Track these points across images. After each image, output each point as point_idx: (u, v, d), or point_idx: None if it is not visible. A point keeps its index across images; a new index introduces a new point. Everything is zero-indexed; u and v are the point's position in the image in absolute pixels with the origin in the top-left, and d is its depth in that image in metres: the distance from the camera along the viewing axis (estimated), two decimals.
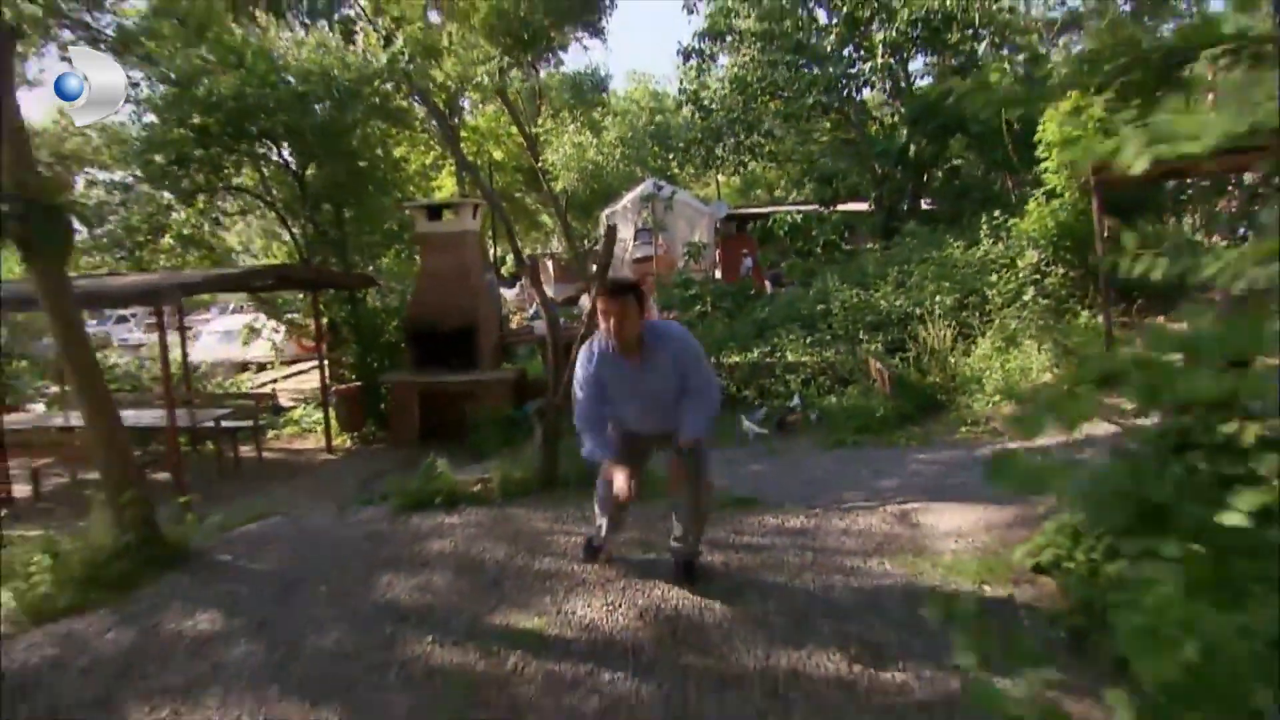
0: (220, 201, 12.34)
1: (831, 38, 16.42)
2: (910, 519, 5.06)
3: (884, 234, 15.79)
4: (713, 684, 3.20)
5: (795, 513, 5.29)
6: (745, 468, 7.50)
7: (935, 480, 6.06)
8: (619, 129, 18.86)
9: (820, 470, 7.11)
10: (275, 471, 9.61)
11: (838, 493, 6.08)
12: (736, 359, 10.99)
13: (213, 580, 4.54)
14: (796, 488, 6.41)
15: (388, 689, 3.26)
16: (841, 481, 6.46)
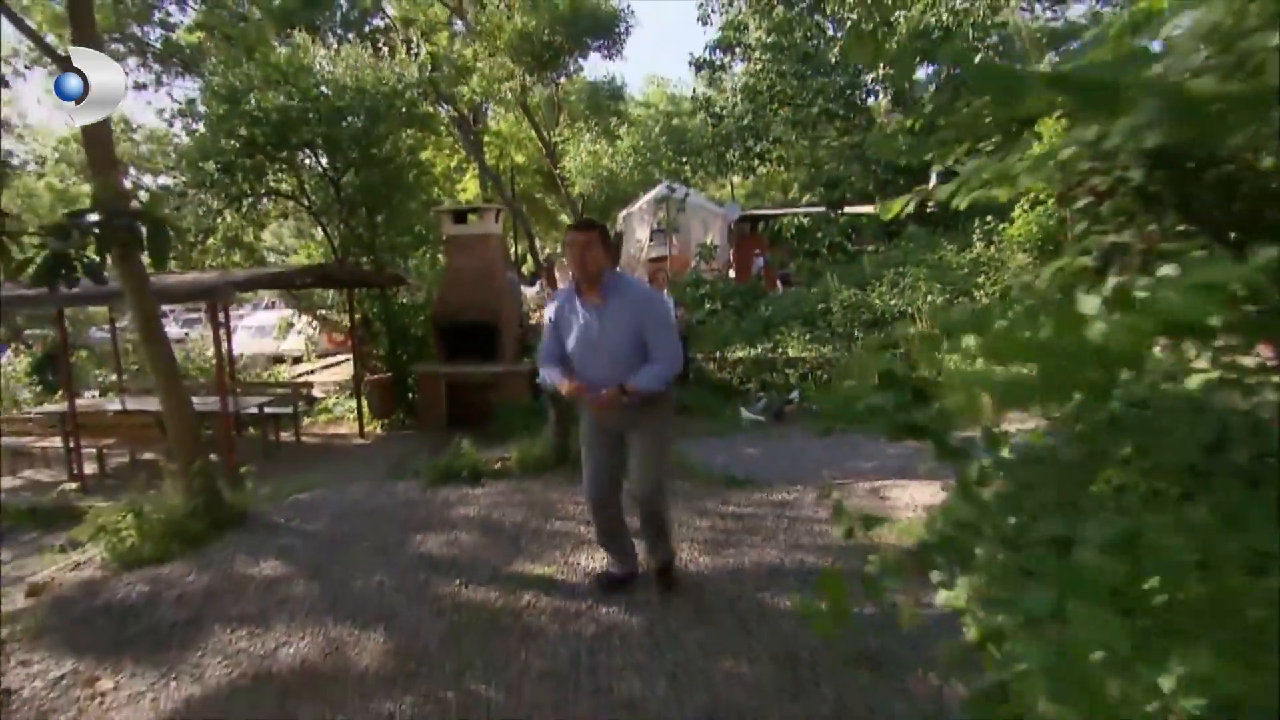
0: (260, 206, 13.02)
1: (836, 49, 16.95)
2: (879, 493, 5.68)
3: (886, 237, 16.30)
4: (690, 617, 3.83)
5: (780, 489, 5.93)
6: (742, 451, 8.13)
7: (908, 462, 6.63)
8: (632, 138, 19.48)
9: (809, 454, 7.71)
10: (313, 454, 10.28)
11: (821, 472, 6.70)
12: (741, 354, 11.61)
13: (271, 537, 5.21)
14: (786, 468, 7.02)
15: (424, 619, 3.92)
16: (827, 463, 7.07)
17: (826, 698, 3.14)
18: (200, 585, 4.43)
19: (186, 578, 4.54)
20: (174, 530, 5.03)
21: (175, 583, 4.46)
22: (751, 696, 3.16)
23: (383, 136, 12.15)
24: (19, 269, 3.68)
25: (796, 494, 5.79)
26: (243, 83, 10.49)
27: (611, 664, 3.42)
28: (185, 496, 5.37)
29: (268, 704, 3.25)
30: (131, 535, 4.95)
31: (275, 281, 11.17)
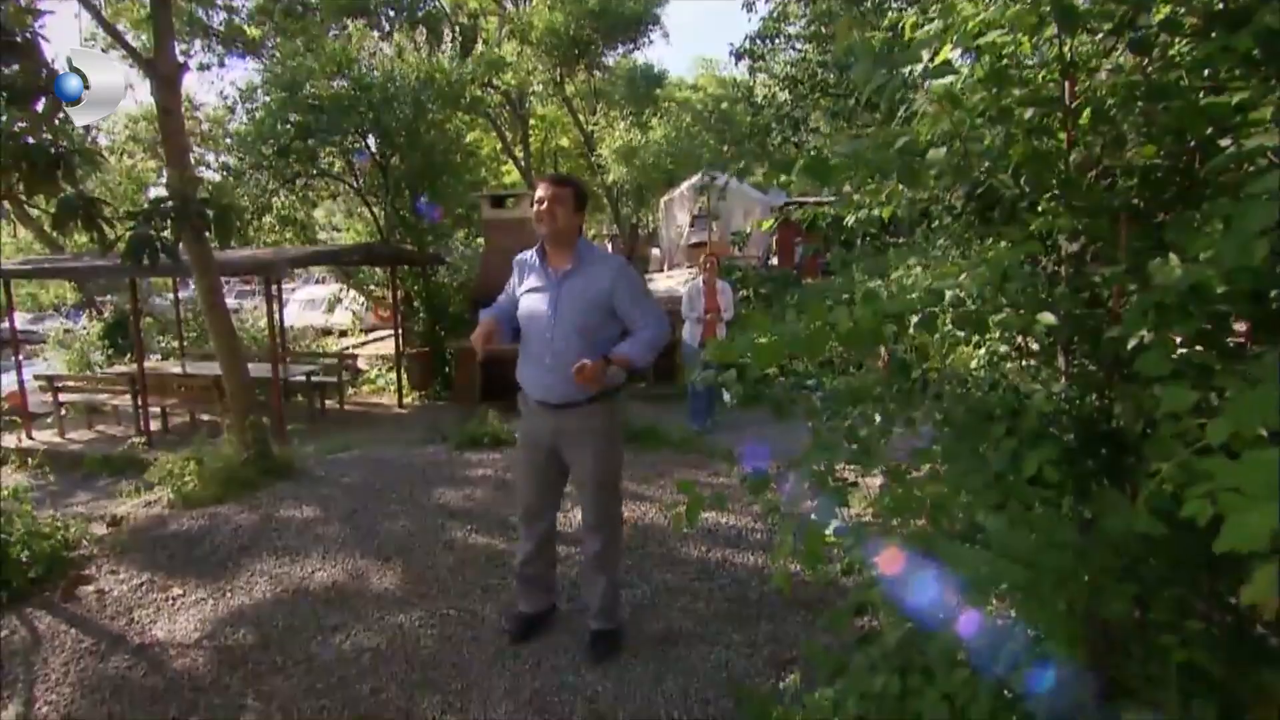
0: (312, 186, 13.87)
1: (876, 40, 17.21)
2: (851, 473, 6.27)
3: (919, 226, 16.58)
4: (663, 563, 4.50)
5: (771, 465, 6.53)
6: (746, 432, 8.75)
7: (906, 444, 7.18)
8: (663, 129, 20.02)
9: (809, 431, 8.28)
10: (355, 420, 11.12)
11: None
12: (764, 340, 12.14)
13: (312, 486, 6.00)
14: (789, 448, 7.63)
15: (437, 555, 4.65)
16: None
17: (764, 630, 3.79)
18: (251, 522, 5.22)
19: (239, 515, 5.34)
20: (229, 477, 5.83)
21: (230, 519, 5.26)
22: (700, 625, 3.82)
23: (430, 125, 12.86)
24: (110, 246, 4.46)
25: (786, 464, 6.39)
26: (301, 72, 11.30)
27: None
28: (239, 449, 6.19)
29: (303, 612, 4.01)
30: (193, 480, 5.77)
31: (325, 259, 12.03)
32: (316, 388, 11.39)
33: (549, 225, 3.25)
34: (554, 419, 3.35)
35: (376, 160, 12.53)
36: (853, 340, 1.86)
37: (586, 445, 3.36)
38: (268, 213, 13.01)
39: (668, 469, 6.38)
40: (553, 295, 3.27)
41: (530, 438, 3.49)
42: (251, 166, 12.23)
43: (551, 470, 3.49)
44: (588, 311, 3.24)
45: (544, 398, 3.35)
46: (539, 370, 3.31)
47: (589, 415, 3.33)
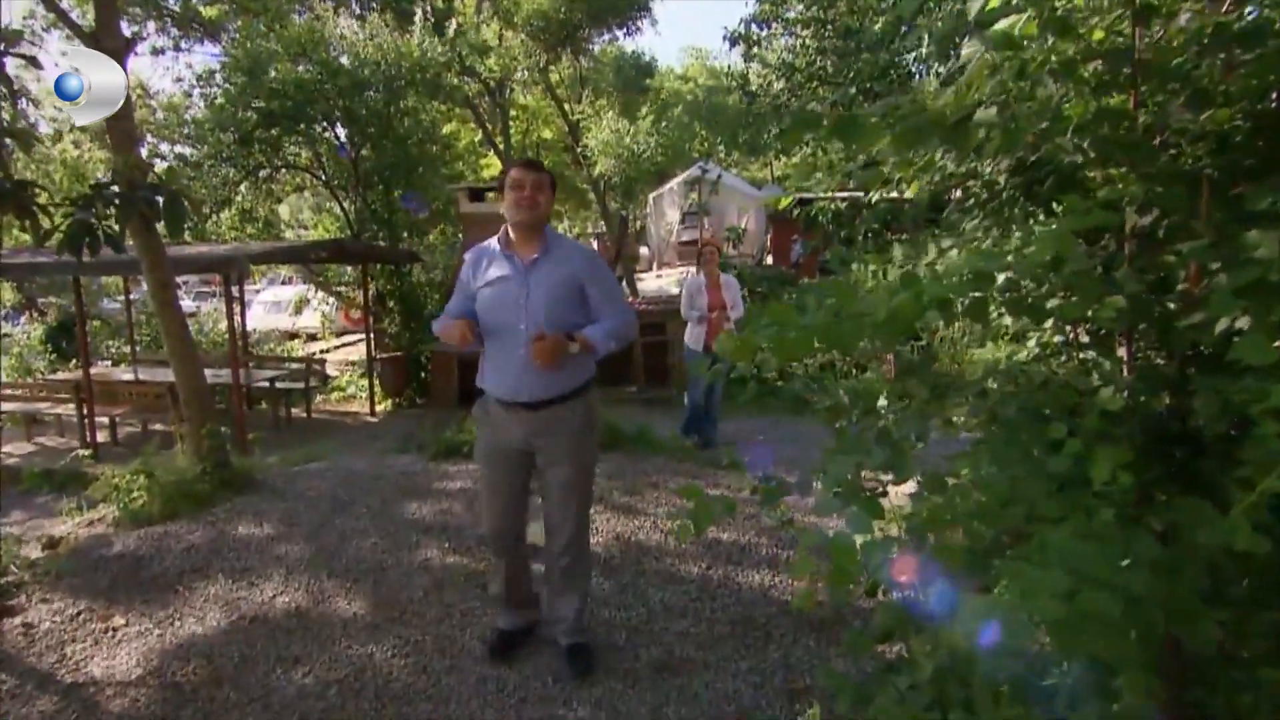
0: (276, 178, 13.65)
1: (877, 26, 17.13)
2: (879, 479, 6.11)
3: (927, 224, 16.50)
4: (661, 582, 4.33)
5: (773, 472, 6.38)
6: (750, 436, 8.61)
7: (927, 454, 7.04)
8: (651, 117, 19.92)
9: (814, 443, 8.12)
10: (323, 429, 10.88)
11: None
12: None
13: (275, 501, 5.78)
14: (786, 455, 7.47)
15: (411, 575, 4.45)
16: None
17: (774, 656, 3.61)
18: (205, 541, 5.01)
19: (192, 534, 5.12)
20: (182, 491, 5.61)
21: (182, 538, 5.05)
22: (703, 650, 3.65)
23: (403, 111, 12.69)
24: (45, 237, 4.25)
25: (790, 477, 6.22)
26: (263, 54, 11.10)
27: None
28: (194, 460, 5.97)
29: (261, 642, 3.80)
30: (142, 495, 5.55)
31: (289, 255, 11.79)
32: (281, 394, 11.17)
33: (531, 212, 3.20)
34: (528, 421, 3.28)
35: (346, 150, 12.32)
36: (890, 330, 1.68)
37: (563, 446, 3.32)
38: (228, 207, 12.78)
39: (661, 478, 6.20)
40: (521, 284, 3.21)
41: (498, 448, 3.39)
42: (210, 157, 12.00)
43: (519, 482, 3.44)
44: (562, 299, 3.22)
45: (516, 397, 3.26)
46: (511, 367, 3.22)
47: (566, 413, 3.30)
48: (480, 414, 3.43)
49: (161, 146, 16.09)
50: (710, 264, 7.88)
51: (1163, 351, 1.99)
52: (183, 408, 6.20)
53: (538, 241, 3.25)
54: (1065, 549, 1.55)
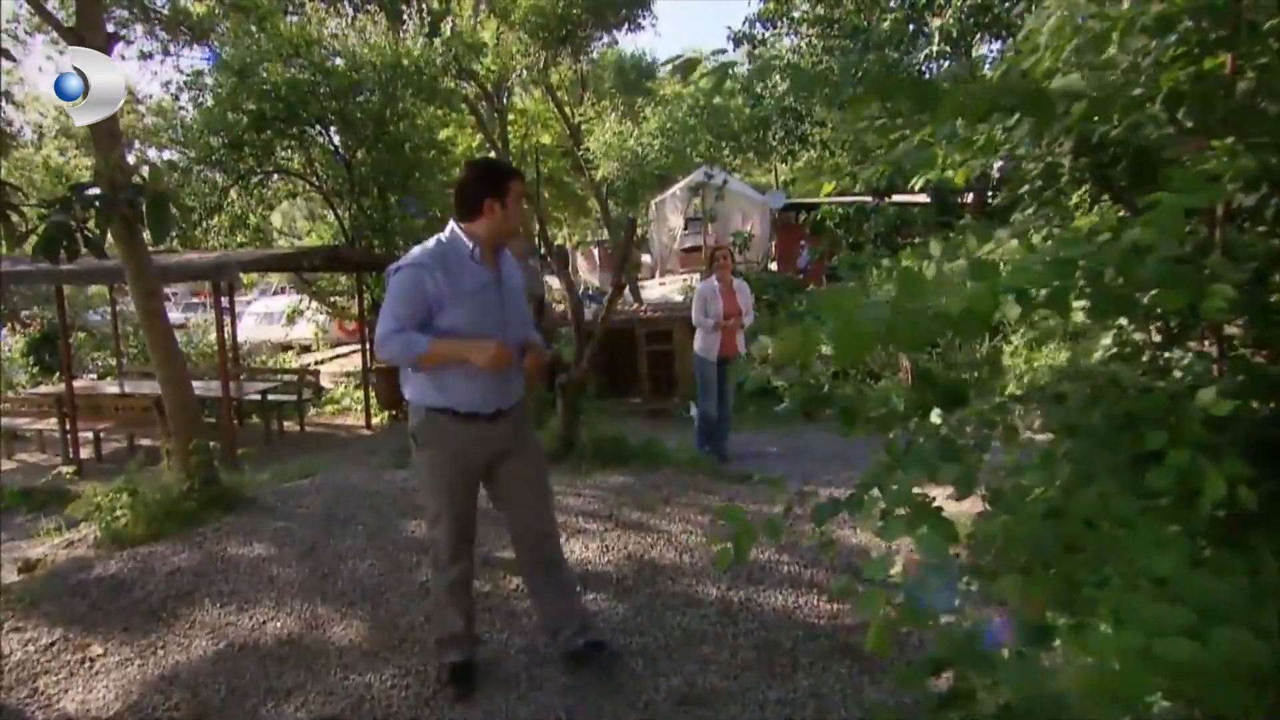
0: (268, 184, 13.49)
1: (887, 23, 17.02)
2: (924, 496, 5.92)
3: (940, 228, 16.37)
4: (679, 604, 4.13)
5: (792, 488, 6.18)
6: (764, 448, 8.42)
7: None
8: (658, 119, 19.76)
9: (830, 454, 7.96)
10: (317, 443, 10.72)
11: (839, 473, 6.95)
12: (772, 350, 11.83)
13: (265, 519, 5.58)
14: (803, 468, 7.30)
15: (411, 600, 4.26)
16: (845, 463, 7.31)
17: (803, 684, 3.41)
18: (192, 563, 4.81)
19: (179, 555, 4.93)
20: (168, 510, 5.42)
21: (167, 560, 4.85)
22: (727, 679, 3.45)
23: (399, 114, 12.55)
24: (20, 240, 4.06)
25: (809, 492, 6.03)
26: (253, 55, 10.96)
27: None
28: (180, 477, 5.77)
29: (250, 673, 3.61)
30: (125, 514, 5.36)
31: (281, 263, 11.65)
32: (273, 407, 11.01)
33: (518, 224, 3.38)
34: (495, 429, 3.28)
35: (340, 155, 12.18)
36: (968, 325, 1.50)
37: (526, 447, 3.45)
38: (218, 213, 12.61)
39: (672, 492, 6.00)
40: (497, 294, 3.23)
41: (459, 464, 3.30)
42: (199, 161, 11.85)
43: (475, 494, 3.43)
44: (518, 311, 3.34)
45: (485, 408, 3.23)
46: (488, 378, 3.17)
47: (523, 414, 3.44)
48: (433, 432, 3.24)
49: (150, 152, 15.99)
50: (724, 269, 7.67)
51: (1263, 349, 1.80)
52: (169, 422, 6.00)
53: (494, 251, 3.26)
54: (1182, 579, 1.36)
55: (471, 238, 3.16)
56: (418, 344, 3.04)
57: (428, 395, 3.20)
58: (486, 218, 3.16)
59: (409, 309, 3.07)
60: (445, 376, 3.16)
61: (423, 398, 3.22)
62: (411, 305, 3.07)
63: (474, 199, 3.17)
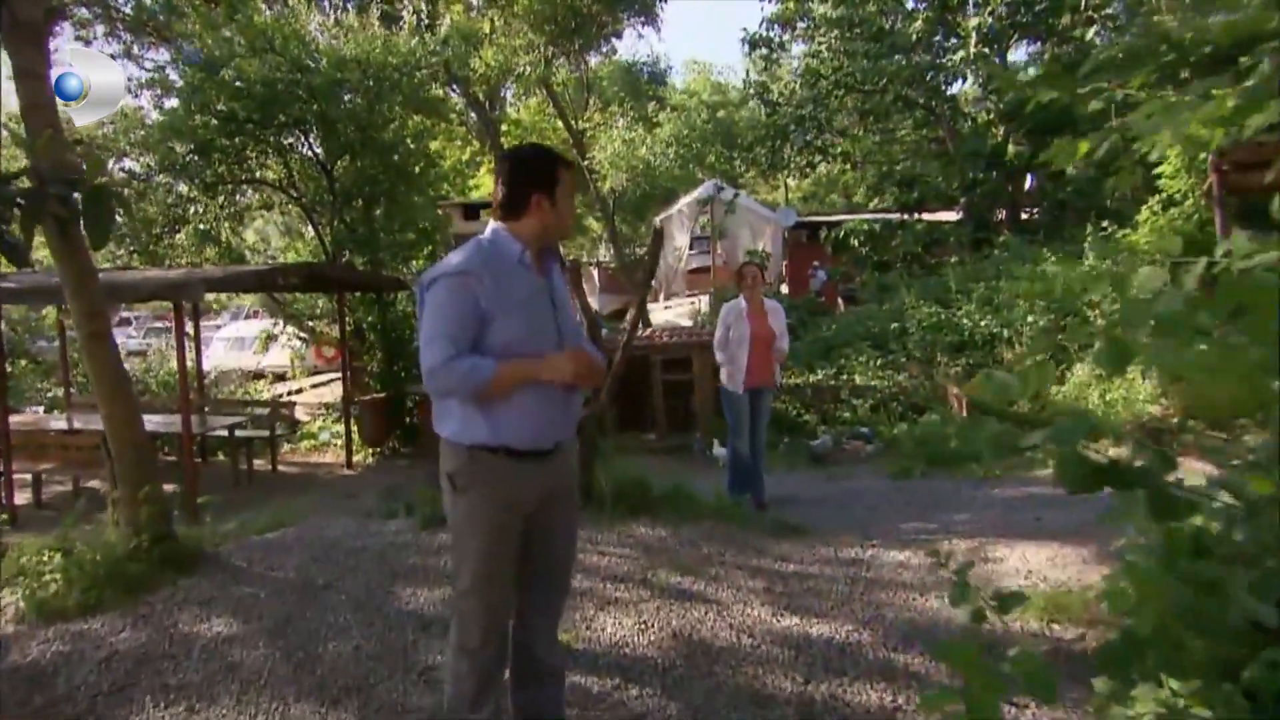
0: (241, 196, 12.97)
1: (918, 24, 16.65)
2: (982, 554, 5.25)
3: (973, 246, 15.93)
4: (745, 703, 3.44)
5: (848, 542, 5.54)
6: (800, 493, 7.76)
7: (1009, 516, 6.22)
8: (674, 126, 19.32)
9: (882, 501, 7.31)
10: (291, 484, 10.07)
11: (899, 525, 6.30)
12: (799, 380, 11.25)
13: (229, 584, 4.90)
14: (858, 518, 6.65)
15: (408, 690, 3.57)
16: (904, 514, 6.66)
17: None
18: (134, 644, 4.12)
19: (118, 634, 4.24)
20: (110, 574, 4.73)
21: (104, 641, 4.16)
22: None
23: (386, 118, 12.06)
24: None
25: (872, 550, 5.40)
26: (222, 48, 10.41)
27: None
28: (127, 532, 5.09)
29: None
30: (56, 580, 4.66)
31: (254, 281, 11.06)
32: (242, 444, 10.35)
33: (571, 220, 3.07)
34: (547, 470, 2.85)
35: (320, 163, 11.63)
36: None
37: (570, 497, 3.03)
38: (183, 226, 12.01)
39: (715, 550, 5.33)
40: (548, 302, 2.88)
41: (509, 516, 2.80)
42: (162, 169, 11.26)
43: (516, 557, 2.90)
44: (575, 319, 3.07)
45: (546, 441, 2.81)
46: (548, 405, 2.78)
47: (573, 450, 3.03)
48: (479, 475, 2.74)
49: (110, 163, 15.40)
50: (754, 287, 7.05)
51: None
52: (115, 467, 5.32)
53: (542, 256, 2.92)
54: None
55: (518, 239, 2.79)
56: (483, 370, 2.62)
57: (475, 431, 2.71)
58: (534, 216, 2.79)
59: (462, 327, 2.66)
60: (496, 405, 2.70)
61: (467, 434, 2.72)
62: (464, 322, 2.66)
63: (520, 194, 2.79)
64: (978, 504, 6.77)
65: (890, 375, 10.95)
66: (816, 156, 19.39)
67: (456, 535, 2.88)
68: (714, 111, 26.68)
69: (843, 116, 18.82)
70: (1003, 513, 6.35)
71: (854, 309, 17.71)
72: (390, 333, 11.95)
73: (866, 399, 10.62)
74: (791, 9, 17.99)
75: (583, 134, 20.83)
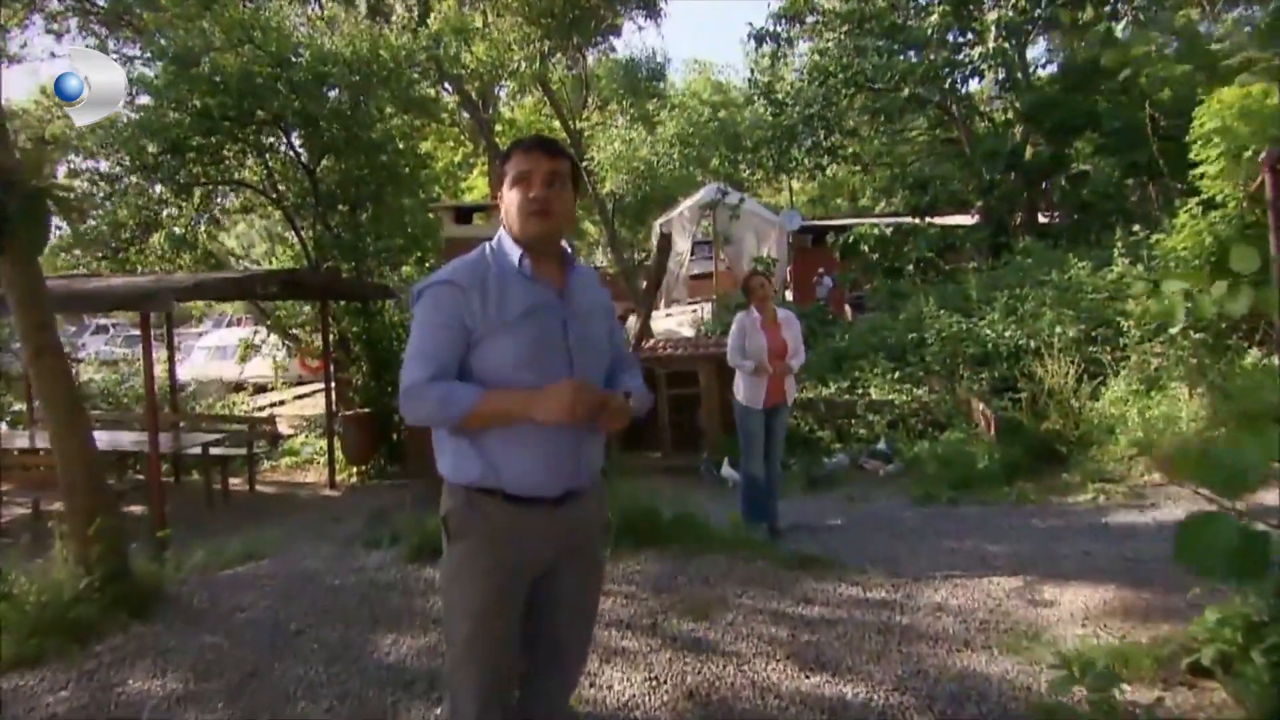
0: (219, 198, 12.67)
1: (934, 18, 16.33)
2: (1030, 596, 4.85)
3: (991, 251, 15.60)
4: None
5: (877, 580, 5.15)
6: (819, 519, 7.39)
7: (1053, 549, 5.84)
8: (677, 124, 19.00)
9: (908, 529, 6.94)
10: (269, 507, 9.77)
11: (930, 558, 5.92)
12: (811, 394, 10.87)
13: (190, 630, 4.54)
14: (879, 548, 6.26)
15: None
16: (935, 545, 6.29)
17: None
18: (74, 706, 3.75)
19: (57, 692, 3.86)
20: (54, 619, 4.35)
21: (40, 700, 3.78)
22: None
23: (372, 116, 11.75)
24: None
25: (904, 588, 5.01)
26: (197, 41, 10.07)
27: None
28: (77, 571, 4.71)
29: None
30: None
31: (230, 289, 10.74)
32: (218, 463, 9.97)
33: (545, 224, 2.39)
34: (558, 522, 2.43)
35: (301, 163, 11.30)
36: None
37: (589, 547, 2.59)
38: (155, 231, 11.65)
39: (730, 590, 4.95)
40: (559, 321, 2.42)
41: (507, 573, 2.42)
42: (133, 170, 10.91)
43: (519, 619, 2.50)
44: (601, 341, 2.54)
45: (549, 488, 2.39)
46: (555, 443, 2.36)
47: (594, 500, 2.56)
48: (472, 521, 2.39)
49: (85, 165, 15.08)
50: (763, 298, 6.69)
51: None
52: (64, 497, 4.95)
53: (557, 260, 2.49)
54: None
55: (518, 244, 2.41)
56: (459, 399, 2.27)
57: (468, 469, 2.38)
58: (505, 216, 2.44)
59: (443, 346, 2.33)
60: (490, 441, 2.35)
61: (461, 472, 2.39)
62: (444, 340, 2.33)
63: (496, 193, 2.52)
64: (1014, 534, 6.38)
65: (908, 389, 10.57)
66: (825, 158, 19.03)
67: (447, 591, 2.53)
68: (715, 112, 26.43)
69: (851, 116, 18.48)
70: (1044, 544, 5.97)
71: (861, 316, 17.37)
72: (377, 344, 11.61)
73: (883, 414, 10.25)
74: (800, 2, 17.66)
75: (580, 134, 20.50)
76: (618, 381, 2.55)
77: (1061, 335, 9.64)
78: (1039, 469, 8.33)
